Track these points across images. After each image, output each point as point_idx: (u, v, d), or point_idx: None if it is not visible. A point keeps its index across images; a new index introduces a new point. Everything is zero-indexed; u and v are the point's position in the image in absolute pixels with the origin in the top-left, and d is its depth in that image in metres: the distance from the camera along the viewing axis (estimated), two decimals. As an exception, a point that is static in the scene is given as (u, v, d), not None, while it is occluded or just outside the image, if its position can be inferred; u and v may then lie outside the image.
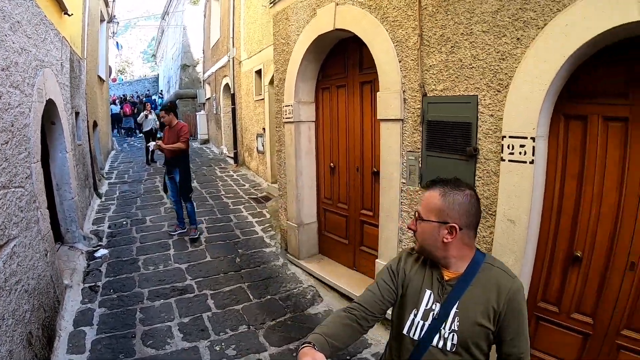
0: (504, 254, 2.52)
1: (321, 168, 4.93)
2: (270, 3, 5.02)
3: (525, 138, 2.37)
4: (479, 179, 2.72)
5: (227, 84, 11.95)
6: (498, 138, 2.57)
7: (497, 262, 1.41)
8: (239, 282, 4.54)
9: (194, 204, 5.93)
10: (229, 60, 11.09)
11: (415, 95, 3.15)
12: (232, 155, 11.85)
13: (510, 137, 2.45)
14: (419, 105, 3.13)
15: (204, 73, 17.06)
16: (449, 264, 1.39)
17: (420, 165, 3.18)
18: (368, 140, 4.13)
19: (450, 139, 2.90)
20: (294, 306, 4.08)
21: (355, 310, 1.43)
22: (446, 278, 1.39)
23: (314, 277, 4.66)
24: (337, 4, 3.84)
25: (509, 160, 2.47)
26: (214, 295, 4.23)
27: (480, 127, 2.69)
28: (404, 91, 3.25)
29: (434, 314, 1.36)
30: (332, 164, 4.72)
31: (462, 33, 2.72)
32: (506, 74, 2.48)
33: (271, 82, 7.85)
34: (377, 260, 3.74)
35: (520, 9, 2.36)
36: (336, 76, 4.53)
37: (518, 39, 2.40)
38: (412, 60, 3.14)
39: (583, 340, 2.45)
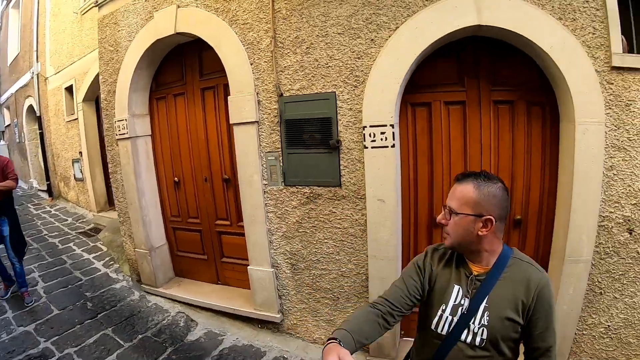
0: (379, 231, 2.70)
1: (164, 184, 4.40)
2: (95, 5, 4.35)
3: (385, 126, 2.61)
4: (345, 168, 2.85)
5: (31, 106, 9.91)
6: (359, 129, 2.75)
7: (525, 257, 1.38)
8: (101, 329, 3.69)
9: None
10: (32, 78, 9.24)
11: (271, 96, 3.13)
12: (44, 188, 9.90)
13: (371, 126, 2.66)
14: (275, 106, 3.11)
15: (0, 96, 13.99)
16: (479, 259, 1.35)
17: (281, 164, 3.15)
18: (215, 148, 3.89)
19: (312, 135, 2.95)
20: (171, 338, 3.52)
21: (380, 306, 1.36)
22: (475, 273, 1.35)
23: (179, 302, 4.10)
24: (179, 7, 3.51)
25: (372, 147, 2.66)
26: (79, 353, 3.31)
27: (341, 120, 2.83)
28: (257, 93, 3.18)
29: (462, 309, 1.33)
30: (176, 178, 4.27)
31: (318, 35, 2.81)
32: (362, 71, 2.66)
33: (86, 98, 6.88)
34: (249, 267, 3.49)
35: (373, 13, 2.59)
36: (173, 84, 4.13)
37: (372, 39, 2.62)
38: (266, 62, 3.10)
39: None
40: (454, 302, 1.35)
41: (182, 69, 4.04)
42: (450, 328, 1.33)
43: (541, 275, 1.31)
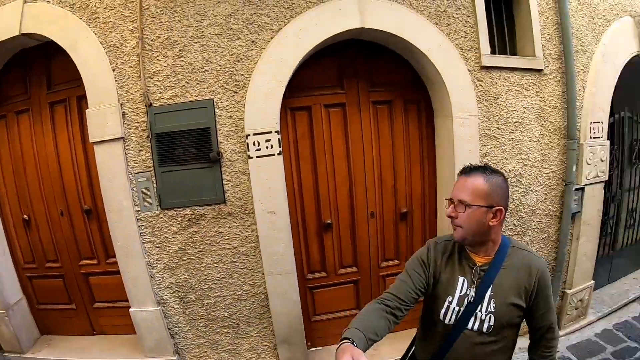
0: (273, 245, 2.59)
1: (11, 225, 3.65)
2: None
3: (270, 132, 2.52)
4: (228, 182, 2.64)
5: None
6: (241, 137, 2.58)
7: (522, 245, 1.48)
8: None
9: None
10: None
11: (138, 107, 2.76)
12: None
13: (254, 134, 2.53)
14: (143, 118, 2.75)
15: None
16: (484, 249, 1.41)
17: (155, 185, 2.80)
18: (70, 174, 3.32)
19: (188, 149, 2.66)
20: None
21: (389, 301, 1.38)
22: (479, 263, 1.41)
23: (52, 366, 3.42)
24: (26, 1, 2.92)
25: (258, 157, 2.54)
26: None
27: (220, 130, 2.61)
28: (122, 104, 2.78)
29: (469, 298, 1.39)
30: (25, 215, 3.59)
31: (193, 36, 2.55)
32: (243, 74, 2.53)
33: None
34: (131, 309, 3.01)
35: (254, 14, 2.48)
36: (15, 99, 3.44)
37: (253, 41, 2.51)
38: (131, 67, 2.72)
39: (355, 287, 3.08)
40: (460, 293, 1.42)
41: (25, 79, 3.39)
42: (457, 317, 1.41)
43: (540, 262, 1.43)
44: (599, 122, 3.72)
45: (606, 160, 3.83)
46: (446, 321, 1.44)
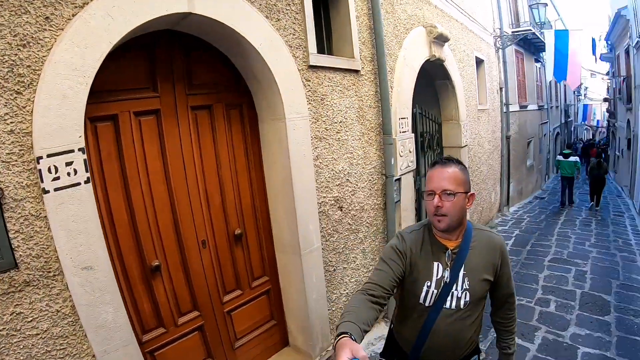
0: (98, 312, 1.98)
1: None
2: None
3: (73, 152, 1.90)
4: (18, 235, 1.84)
5: None
6: (30, 162, 1.83)
7: (481, 226, 1.77)
8: None
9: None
10: None
11: None
12: None
13: (49, 155, 1.84)
14: None
15: None
16: (455, 233, 1.66)
17: None
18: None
19: None
20: None
21: (374, 291, 1.53)
22: (450, 247, 1.65)
23: None
24: None
25: (57, 189, 1.86)
26: None
27: (-6, 153, 1.84)
28: None
29: (445, 280, 1.63)
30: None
31: None
32: (29, 66, 1.81)
33: None
34: None
35: None
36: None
37: (47, 18, 1.84)
38: None
39: (200, 334, 2.69)
40: (437, 277, 1.64)
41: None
42: (436, 299, 1.64)
43: (499, 238, 1.75)
44: (405, 118, 4.23)
45: (413, 151, 4.37)
46: (426, 304, 1.66)
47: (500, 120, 9.34)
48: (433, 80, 6.14)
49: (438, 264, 1.65)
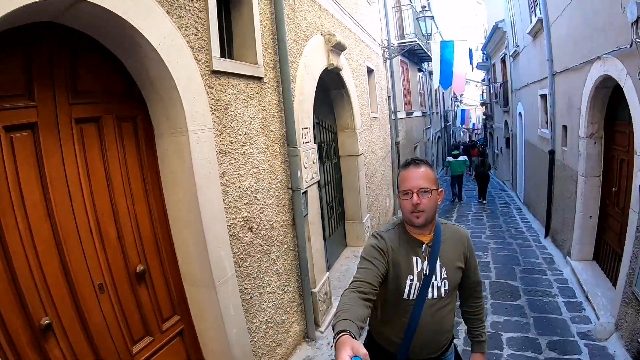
0: None
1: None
2: None
3: None
4: None
5: None
6: None
7: (446, 221, 1.97)
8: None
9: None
10: None
11: None
12: None
13: None
14: None
15: None
16: (428, 229, 1.83)
17: None
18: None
19: None
20: None
21: (363, 288, 1.62)
22: (425, 241, 1.83)
23: None
24: None
25: None
26: None
27: None
28: None
29: (424, 272, 1.80)
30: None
31: None
32: None
33: None
34: None
35: None
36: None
37: None
38: None
39: None
40: (417, 270, 1.80)
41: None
42: (418, 291, 1.79)
43: (464, 230, 1.98)
44: (307, 128, 4.21)
45: (317, 162, 4.36)
46: (410, 297, 1.80)
47: (390, 127, 9.91)
48: (329, 90, 6.28)
49: (417, 258, 1.82)
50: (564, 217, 6.90)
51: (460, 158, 12.83)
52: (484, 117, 25.95)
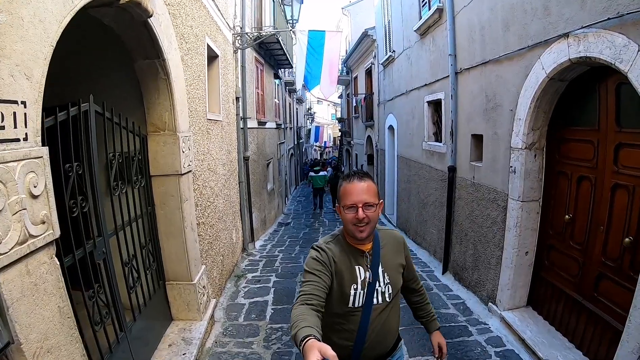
0: None
1: None
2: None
3: None
4: None
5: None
6: None
7: (381, 227, 1.89)
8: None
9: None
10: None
11: None
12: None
13: None
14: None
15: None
16: (369, 238, 1.74)
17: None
18: None
19: None
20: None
21: (312, 300, 1.54)
22: (366, 250, 1.77)
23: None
24: None
25: None
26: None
27: None
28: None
29: (368, 279, 1.74)
30: None
31: None
32: None
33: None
34: None
35: None
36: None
37: None
38: None
39: None
40: (361, 278, 1.73)
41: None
42: (364, 299, 1.72)
43: (398, 232, 1.98)
44: None
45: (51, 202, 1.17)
46: (356, 305, 1.71)
47: (237, 138, 7.15)
48: (131, 60, 3.30)
49: (359, 267, 1.73)
50: (476, 251, 4.91)
51: (321, 173, 13.73)
52: (340, 134, 24.77)
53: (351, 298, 1.70)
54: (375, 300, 1.72)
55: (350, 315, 1.72)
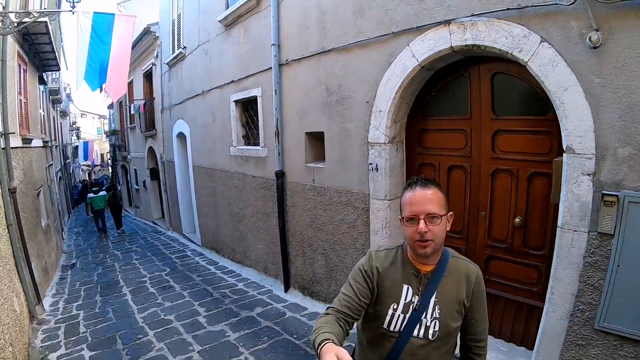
0: None
1: None
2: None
3: None
4: None
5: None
6: None
7: (458, 254, 1.53)
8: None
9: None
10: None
11: None
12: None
13: None
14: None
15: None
16: (432, 258, 1.43)
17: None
18: None
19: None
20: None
21: (336, 315, 1.40)
22: (423, 272, 1.44)
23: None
24: None
25: None
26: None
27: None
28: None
29: (414, 306, 1.43)
30: None
31: None
32: None
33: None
34: None
35: None
36: None
37: None
38: None
39: None
40: (405, 300, 1.44)
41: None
42: (403, 325, 1.43)
43: (477, 269, 1.50)
44: None
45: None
46: (392, 328, 1.45)
47: None
48: None
49: (408, 287, 1.44)
50: (330, 261, 4.41)
51: (101, 194, 12.22)
52: (112, 149, 21.00)
53: (387, 318, 1.45)
54: (415, 332, 1.44)
55: (384, 338, 1.49)
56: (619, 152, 2.26)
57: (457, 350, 1.58)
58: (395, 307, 1.42)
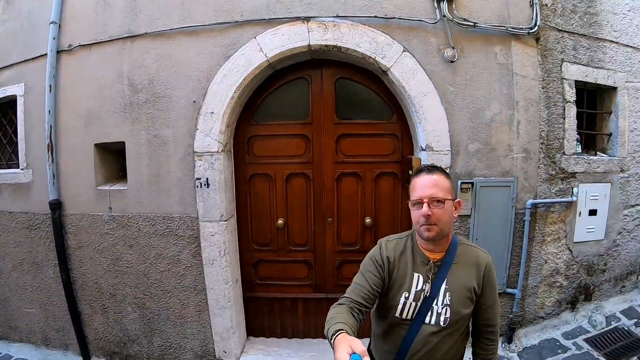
0: None
1: None
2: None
3: None
4: None
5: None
6: None
7: (468, 241, 1.58)
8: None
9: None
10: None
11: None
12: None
13: None
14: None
15: None
16: (439, 245, 1.46)
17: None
18: None
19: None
20: None
21: (349, 304, 1.39)
22: (433, 260, 1.46)
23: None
24: None
25: None
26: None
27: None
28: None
29: (425, 293, 1.45)
30: None
31: None
32: None
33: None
34: None
35: None
36: None
37: None
38: None
39: None
40: (416, 288, 1.45)
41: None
42: (415, 313, 1.45)
43: (487, 256, 1.51)
44: None
45: None
46: (404, 316, 1.46)
47: None
48: None
49: (419, 276, 1.45)
50: (147, 311, 3.22)
51: None
52: None
53: (399, 307, 1.45)
54: (427, 319, 1.44)
55: (397, 326, 1.49)
56: (469, 148, 2.78)
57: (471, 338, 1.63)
58: (407, 295, 1.44)
